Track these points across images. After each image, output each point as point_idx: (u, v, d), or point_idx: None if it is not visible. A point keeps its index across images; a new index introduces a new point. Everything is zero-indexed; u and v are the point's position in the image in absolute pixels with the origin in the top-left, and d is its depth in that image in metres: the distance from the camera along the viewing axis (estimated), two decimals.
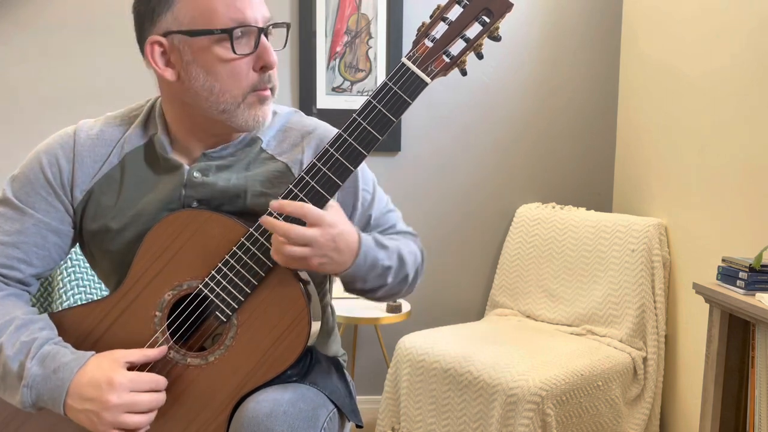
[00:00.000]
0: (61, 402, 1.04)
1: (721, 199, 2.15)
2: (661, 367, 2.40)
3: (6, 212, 1.16)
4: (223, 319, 1.10)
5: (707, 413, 1.80)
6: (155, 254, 1.12)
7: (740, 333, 1.76)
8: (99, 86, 2.62)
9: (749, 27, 2.02)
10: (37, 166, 1.18)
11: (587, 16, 2.84)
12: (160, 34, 1.12)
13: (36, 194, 1.17)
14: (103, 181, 1.18)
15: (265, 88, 1.14)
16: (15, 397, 1.07)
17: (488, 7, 1.07)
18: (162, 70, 1.13)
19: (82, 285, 2.10)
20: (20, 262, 1.15)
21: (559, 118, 2.86)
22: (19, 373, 1.05)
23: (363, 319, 2.46)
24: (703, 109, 2.26)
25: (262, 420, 1.03)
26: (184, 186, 1.17)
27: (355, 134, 1.09)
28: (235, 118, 1.13)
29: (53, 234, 1.17)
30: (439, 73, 1.11)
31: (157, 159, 1.19)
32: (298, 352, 1.09)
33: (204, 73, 1.11)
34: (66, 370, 1.05)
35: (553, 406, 2.01)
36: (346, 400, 1.23)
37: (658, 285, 2.41)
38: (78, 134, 1.21)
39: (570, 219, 2.66)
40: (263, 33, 1.12)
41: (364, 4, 2.71)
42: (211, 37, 1.09)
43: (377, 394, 2.53)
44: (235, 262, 1.09)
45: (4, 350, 1.07)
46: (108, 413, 1.03)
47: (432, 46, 1.09)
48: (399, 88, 1.09)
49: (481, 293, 2.86)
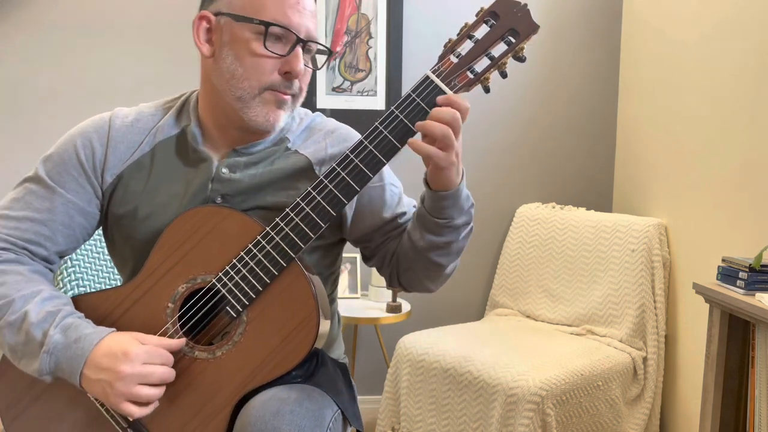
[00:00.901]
0: (78, 371, 1.07)
1: (721, 199, 2.15)
2: (661, 367, 2.40)
3: (37, 190, 1.19)
4: (234, 314, 1.12)
5: (707, 413, 1.80)
6: (173, 246, 1.14)
7: (740, 333, 1.76)
8: (99, 86, 2.63)
9: (750, 27, 2.02)
10: (71, 148, 1.21)
11: (587, 15, 2.84)
12: (213, 12, 1.18)
13: (68, 174, 1.19)
14: (134, 167, 1.21)
15: (284, 91, 1.17)
16: (33, 364, 1.08)
17: (514, 28, 1.10)
18: (201, 44, 1.19)
19: (82, 285, 2.10)
20: (47, 239, 1.18)
21: (559, 118, 2.86)
22: (41, 340, 1.07)
23: (363, 319, 2.46)
24: (703, 109, 2.26)
25: (269, 419, 1.03)
26: (211, 180, 1.19)
27: (375, 142, 1.11)
28: (248, 110, 1.16)
29: (80, 215, 1.20)
30: (462, 88, 1.13)
31: (188, 150, 1.22)
32: (305, 352, 1.10)
33: (233, 56, 1.15)
34: (86, 341, 1.07)
35: (553, 406, 2.01)
36: (350, 404, 1.24)
37: (658, 285, 2.41)
38: (113, 120, 1.23)
39: (570, 219, 2.66)
40: (301, 43, 1.16)
41: (364, 4, 2.71)
42: (250, 26, 1.14)
43: (377, 394, 2.53)
44: (250, 259, 1.11)
45: (29, 317, 1.09)
46: (121, 383, 1.04)
47: (457, 62, 1.11)
48: (422, 99, 1.11)
49: (481, 293, 2.86)
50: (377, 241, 1.29)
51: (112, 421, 1.13)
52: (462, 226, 1.20)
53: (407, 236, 1.24)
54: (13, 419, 1.16)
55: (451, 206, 1.16)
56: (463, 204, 1.18)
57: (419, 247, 1.21)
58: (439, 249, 1.21)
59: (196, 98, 1.26)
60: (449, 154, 1.09)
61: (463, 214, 1.19)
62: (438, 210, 1.16)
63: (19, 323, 1.09)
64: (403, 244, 1.25)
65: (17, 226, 1.17)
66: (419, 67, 2.77)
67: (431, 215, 1.17)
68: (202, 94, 1.24)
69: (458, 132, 1.09)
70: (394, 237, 1.29)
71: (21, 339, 1.09)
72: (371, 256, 1.33)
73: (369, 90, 2.75)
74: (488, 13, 1.11)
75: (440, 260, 1.23)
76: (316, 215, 1.11)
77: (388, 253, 1.29)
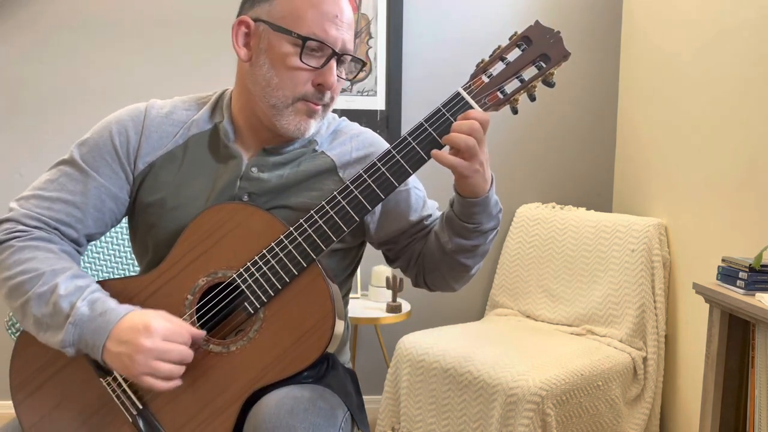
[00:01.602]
0: (101, 344, 1.08)
1: (721, 199, 2.15)
2: (661, 367, 2.40)
3: (71, 173, 1.21)
4: (251, 311, 1.13)
5: (707, 413, 1.80)
6: (197, 240, 1.16)
7: (740, 333, 1.76)
8: (99, 86, 2.63)
9: (750, 27, 2.02)
10: (107, 134, 1.23)
11: (587, 15, 2.84)
12: (252, 18, 1.20)
13: (102, 159, 1.22)
14: (166, 157, 1.24)
15: (316, 102, 1.20)
16: (57, 336, 1.10)
17: (546, 54, 1.14)
18: (239, 48, 1.21)
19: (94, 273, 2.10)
20: (78, 221, 1.20)
21: (559, 119, 2.86)
22: (67, 312, 1.09)
23: (363, 319, 2.46)
24: (703, 108, 2.26)
25: (284, 416, 1.04)
26: (240, 178, 1.22)
27: (403, 152, 1.14)
28: (280, 117, 1.19)
29: (111, 200, 1.23)
30: (491, 108, 1.15)
31: (219, 146, 1.24)
32: (318, 353, 1.11)
33: (269, 64, 1.18)
34: (111, 314, 1.10)
35: (553, 406, 2.01)
36: (358, 409, 1.25)
37: (658, 285, 2.41)
38: (149, 110, 1.26)
39: (570, 219, 2.66)
40: (336, 56, 1.18)
41: (364, 4, 2.71)
42: (288, 38, 1.16)
43: (377, 394, 2.53)
44: (271, 257, 1.13)
45: (58, 290, 1.11)
46: (141, 356, 1.06)
47: (488, 82, 1.14)
48: (451, 115, 1.13)
49: (481, 293, 2.86)
50: (402, 243, 1.32)
51: (122, 407, 1.14)
52: (490, 231, 1.23)
53: (435, 238, 1.27)
54: (24, 399, 1.18)
55: (480, 212, 1.19)
56: (492, 210, 1.21)
57: (447, 250, 1.24)
58: (467, 252, 1.24)
59: (230, 96, 1.28)
60: (472, 163, 1.12)
61: (492, 219, 1.22)
62: (467, 215, 1.19)
63: (48, 295, 1.11)
64: (430, 245, 1.28)
65: (50, 206, 1.19)
66: (419, 67, 2.77)
67: (460, 220, 1.20)
68: (236, 93, 1.27)
69: (481, 142, 1.12)
70: (419, 239, 1.31)
71: (48, 310, 1.11)
72: (396, 258, 1.35)
73: (369, 90, 2.75)
74: (521, 37, 1.15)
75: (467, 262, 1.26)
76: (339, 219, 1.13)
77: (414, 255, 1.32)
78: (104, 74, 2.63)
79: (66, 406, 1.16)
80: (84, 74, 2.63)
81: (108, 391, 1.15)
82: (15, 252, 1.15)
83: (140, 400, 1.14)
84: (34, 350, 1.17)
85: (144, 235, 1.26)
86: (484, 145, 1.13)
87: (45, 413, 1.16)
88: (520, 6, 2.79)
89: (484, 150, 1.13)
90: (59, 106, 2.63)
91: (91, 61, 2.63)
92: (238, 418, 1.12)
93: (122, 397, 1.14)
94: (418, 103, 2.77)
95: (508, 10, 2.79)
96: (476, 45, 2.73)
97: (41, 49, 2.61)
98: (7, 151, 2.63)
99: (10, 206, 1.21)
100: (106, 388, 1.15)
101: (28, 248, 1.15)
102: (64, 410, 1.16)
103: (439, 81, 2.77)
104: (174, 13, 2.65)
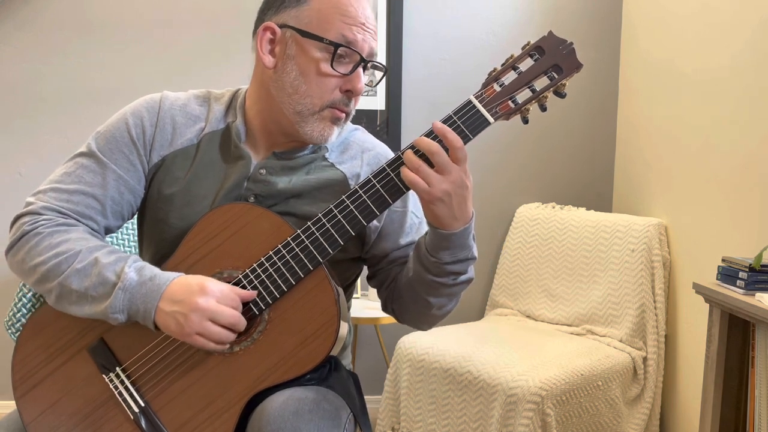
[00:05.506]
0: (154, 305, 1.08)
1: (721, 199, 2.15)
2: (661, 367, 2.40)
3: (90, 165, 1.20)
4: (256, 312, 1.13)
5: (707, 413, 1.80)
6: (204, 238, 1.16)
7: (740, 333, 1.76)
8: (99, 86, 2.62)
9: (749, 26, 2.02)
10: (123, 125, 1.22)
11: (587, 16, 2.84)
12: (278, 24, 1.19)
13: (119, 151, 1.21)
14: (178, 153, 1.23)
15: (342, 109, 1.20)
16: (102, 304, 1.09)
17: (558, 64, 1.14)
18: (263, 55, 1.19)
19: None
20: (98, 213, 1.20)
21: (559, 118, 2.86)
22: (115, 280, 1.09)
23: (363, 319, 2.46)
24: (703, 108, 2.26)
25: (289, 417, 1.04)
26: (247, 179, 1.22)
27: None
28: (305, 124, 1.19)
29: (129, 192, 1.22)
30: (503, 116, 1.14)
31: (229, 146, 1.24)
32: (322, 356, 1.11)
33: (297, 71, 1.17)
34: (161, 278, 1.10)
35: (553, 406, 2.02)
36: (361, 411, 1.25)
37: (658, 285, 2.41)
38: (164, 101, 1.26)
39: (570, 219, 2.66)
40: (363, 63, 1.19)
41: None
42: (318, 44, 1.16)
43: (377, 394, 2.53)
44: (278, 259, 1.13)
45: (100, 261, 1.11)
46: (195, 314, 1.06)
47: (500, 91, 1.14)
48: (463, 122, 1.13)
49: (481, 293, 2.86)
50: (383, 264, 1.31)
51: (124, 404, 1.14)
52: (454, 273, 1.19)
53: (406, 264, 1.25)
54: (25, 393, 1.18)
55: (444, 248, 1.15)
56: (458, 251, 1.15)
57: (410, 277, 1.22)
58: (427, 286, 1.20)
59: (244, 96, 1.27)
60: (432, 189, 1.07)
61: (457, 262, 1.17)
62: (432, 246, 1.16)
63: (90, 269, 1.11)
64: (402, 272, 1.27)
65: (69, 198, 1.18)
66: (419, 67, 2.77)
67: (426, 249, 1.17)
68: (252, 96, 1.25)
69: (444, 170, 1.07)
70: (398, 264, 1.30)
71: (91, 282, 1.10)
72: (373, 276, 1.35)
73: (369, 90, 2.75)
74: (534, 47, 1.15)
75: (429, 298, 1.22)
76: (347, 223, 1.13)
77: (388, 278, 1.31)
78: (104, 74, 2.63)
79: (67, 402, 1.16)
80: (84, 74, 2.63)
81: (110, 388, 1.15)
82: (45, 237, 1.14)
83: (142, 398, 1.14)
84: (36, 345, 1.17)
85: (150, 228, 1.26)
86: (450, 175, 1.08)
87: (46, 408, 1.16)
88: (520, 6, 2.79)
89: (450, 179, 1.08)
90: (59, 106, 2.62)
91: (91, 62, 2.63)
92: (239, 419, 1.12)
93: (124, 394, 1.14)
94: (418, 103, 2.77)
95: (509, 10, 2.79)
96: (476, 45, 2.74)
97: (41, 49, 2.61)
98: (7, 151, 2.63)
99: (28, 200, 1.19)
100: (108, 384, 1.15)
101: (58, 233, 1.14)
102: (64, 406, 1.16)
103: (439, 81, 2.77)
104: (174, 13, 2.65)
